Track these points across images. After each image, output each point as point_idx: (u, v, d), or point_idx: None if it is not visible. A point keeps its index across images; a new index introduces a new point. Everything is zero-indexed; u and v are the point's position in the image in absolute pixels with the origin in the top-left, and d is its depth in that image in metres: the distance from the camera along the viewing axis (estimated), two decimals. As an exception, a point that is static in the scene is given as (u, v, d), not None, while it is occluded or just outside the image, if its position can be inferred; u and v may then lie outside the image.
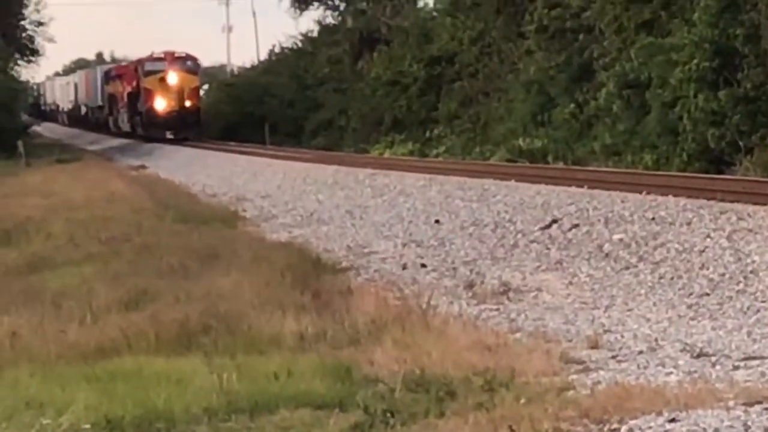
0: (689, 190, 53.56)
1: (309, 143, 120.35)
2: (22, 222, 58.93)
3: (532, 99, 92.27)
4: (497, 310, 35.00)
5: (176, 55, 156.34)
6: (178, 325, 30.29)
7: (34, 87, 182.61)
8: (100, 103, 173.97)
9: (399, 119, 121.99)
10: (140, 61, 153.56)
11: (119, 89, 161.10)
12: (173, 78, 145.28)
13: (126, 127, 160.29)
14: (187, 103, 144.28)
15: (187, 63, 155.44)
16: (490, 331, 30.10)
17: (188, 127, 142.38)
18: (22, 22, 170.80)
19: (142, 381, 25.72)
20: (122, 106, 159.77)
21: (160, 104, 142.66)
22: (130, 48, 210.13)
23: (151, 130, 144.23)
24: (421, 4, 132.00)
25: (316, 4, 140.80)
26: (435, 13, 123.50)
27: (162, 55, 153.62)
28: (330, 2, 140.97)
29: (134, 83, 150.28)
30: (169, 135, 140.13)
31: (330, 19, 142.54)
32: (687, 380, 24.75)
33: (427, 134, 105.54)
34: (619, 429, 21.80)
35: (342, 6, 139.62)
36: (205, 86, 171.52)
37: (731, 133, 67.50)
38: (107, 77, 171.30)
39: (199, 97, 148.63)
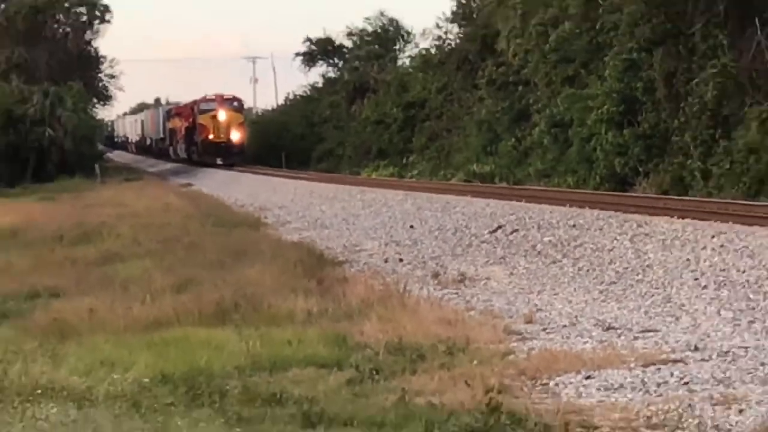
0: (601, 204, 54.34)
1: (315, 167, 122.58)
2: (98, 226, 59.44)
3: (483, 135, 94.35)
4: (456, 293, 35.93)
5: (225, 96, 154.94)
6: (216, 304, 31.67)
7: (108, 123, 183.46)
8: (161, 135, 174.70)
9: (383, 149, 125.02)
10: (196, 102, 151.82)
11: (178, 124, 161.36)
12: (222, 115, 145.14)
13: (183, 154, 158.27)
14: (234, 136, 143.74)
15: (234, 103, 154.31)
16: (450, 309, 31.59)
17: (234, 155, 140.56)
18: (99, 75, 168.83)
19: (188, 346, 26.86)
20: (180, 138, 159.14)
21: (212, 137, 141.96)
22: (181, 94, 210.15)
23: (205, 157, 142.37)
24: (400, 63, 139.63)
25: (320, 62, 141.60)
26: (410, 70, 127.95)
27: (213, 97, 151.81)
28: (331, 61, 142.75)
29: (191, 120, 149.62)
30: (219, 161, 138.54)
31: (331, 74, 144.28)
32: (599, 347, 26.14)
33: (404, 161, 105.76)
34: (548, 384, 22.71)
35: (340, 63, 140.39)
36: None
37: (632, 162, 68.78)
38: (168, 115, 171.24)
39: (243, 130, 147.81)
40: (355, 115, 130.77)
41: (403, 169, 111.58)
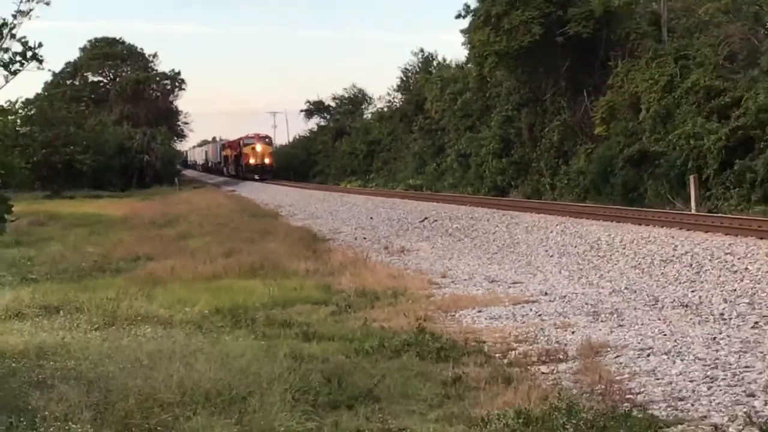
0: (488, 204, 55.63)
1: (311, 180, 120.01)
2: (176, 215, 59.96)
3: (416, 161, 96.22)
4: (398, 259, 36.99)
5: (260, 135, 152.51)
6: (249, 264, 33.20)
7: (184, 152, 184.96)
8: (218, 160, 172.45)
9: (354, 170, 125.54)
10: (241, 138, 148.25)
11: (229, 153, 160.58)
12: (259, 147, 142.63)
13: (232, 172, 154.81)
14: (266, 161, 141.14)
15: (266, 139, 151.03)
16: (395, 269, 33.51)
17: (267, 173, 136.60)
18: (178, 122, 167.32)
19: (232, 291, 27.98)
20: (231, 162, 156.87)
21: (252, 161, 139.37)
22: (229, 134, 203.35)
23: (247, 174, 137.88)
24: (365, 116, 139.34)
25: (315, 115, 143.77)
26: (371, 120, 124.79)
27: (253, 135, 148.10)
28: (322, 114, 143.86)
29: (238, 150, 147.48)
30: (256, 177, 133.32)
31: (322, 122, 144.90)
32: (486, 293, 27.22)
33: (367, 177, 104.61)
34: (455, 315, 23.34)
35: (327, 116, 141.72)
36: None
37: (508, 178, 69.04)
38: (222, 147, 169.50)
39: (273, 157, 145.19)
40: (338, 148, 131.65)
41: (366, 182, 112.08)
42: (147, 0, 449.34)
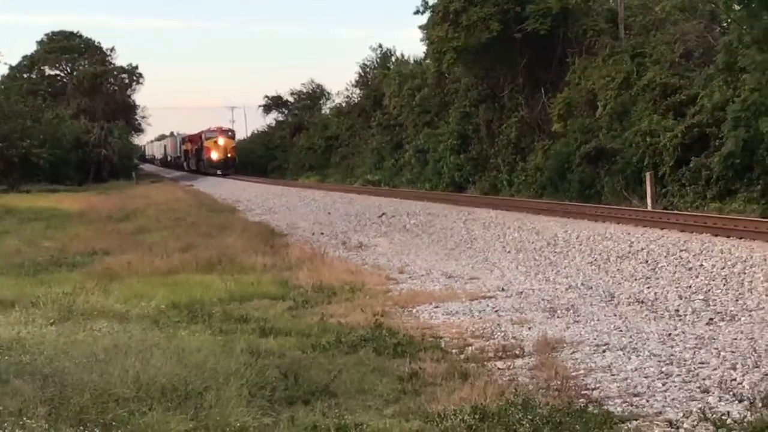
0: (446, 200, 55.73)
1: (269, 176, 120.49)
2: (133, 210, 59.76)
3: (374, 157, 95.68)
4: (356, 254, 36.82)
5: (223, 128, 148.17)
6: (207, 259, 33.25)
7: (142, 147, 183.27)
8: (178, 155, 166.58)
9: (312, 165, 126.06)
10: (203, 132, 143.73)
11: (189, 147, 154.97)
12: (221, 141, 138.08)
13: (193, 167, 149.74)
14: (229, 155, 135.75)
15: (229, 132, 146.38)
16: (353, 264, 33.42)
17: (229, 167, 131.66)
18: (135, 116, 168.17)
19: (189, 285, 27.74)
20: (191, 156, 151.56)
21: (214, 155, 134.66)
22: (187, 128, 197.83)
23: (209, 169, 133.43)
24: (323, 111, 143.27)
25: (274, 110, 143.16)
26: (329, 116, 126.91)
27: (215, 128, 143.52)
28: (280, 110, 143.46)
29: (199, 143, 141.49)
30: (218, 172, 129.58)
31: (280, 117, 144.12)
32: (443, 288, 27.27)
33: (325, 172, 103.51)
34: (412, 310, 23.21)
35: (286, 111, 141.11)
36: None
37: (465, 174, 68.77)
38: (182, 141, 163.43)
39: (236, 151, 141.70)
40: (296, 143, 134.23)
41: (324, 177, 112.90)
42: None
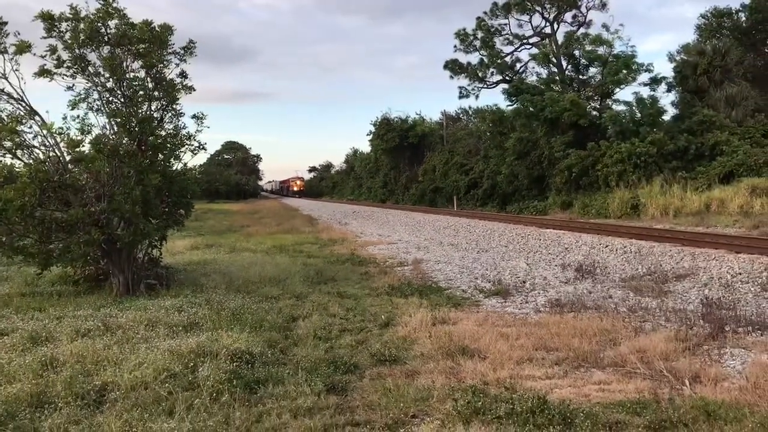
0: (377, 206, 50.23)
1: (316, 197, 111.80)
2: (258, 210, 57.33)
3: (350, 189, 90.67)
4: (344, 227, 31.83)
5: (298, 175, 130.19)
6: (287, 228, 31.85)
7: (262, 186, 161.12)
8: (278, 188, 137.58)
9: (328, 192, 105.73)
10: (290, 178, 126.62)
11: (284, 185, 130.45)
12: (298, 182, 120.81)
13: (285, 194, 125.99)
14: (302, 188, 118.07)
15: (301, 178, 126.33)
16: (342, 230, 29.86)
17: (302, 194, 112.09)
18: (260, 174, 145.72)
19: (280, 239, 25.62)
20: (284, 189, 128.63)
21: (295, 188, 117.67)
22: (277, 177, 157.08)
23: (294, 195, 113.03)
24: (332, 172, 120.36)
25: (313, 172, 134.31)
26: (333, 174, 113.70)
27: (294, 177, 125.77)
28: (317, 170, 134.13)
29: (287, 183, 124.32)
30: (297, 196, 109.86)
31: (313, 174, 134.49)
32: (377, 239, 25.34)
33: (332, 196, 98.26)
34: (366, 248, 22.02)
35: (316, 172, 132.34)
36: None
37: (386, 196, 66.30)
38: (280, 183, 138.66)
39: (304, 186, 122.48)
40: (324, 184, 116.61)
41: (332, 197, 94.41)
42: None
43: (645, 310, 10.32)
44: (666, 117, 35.71)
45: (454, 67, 48.61)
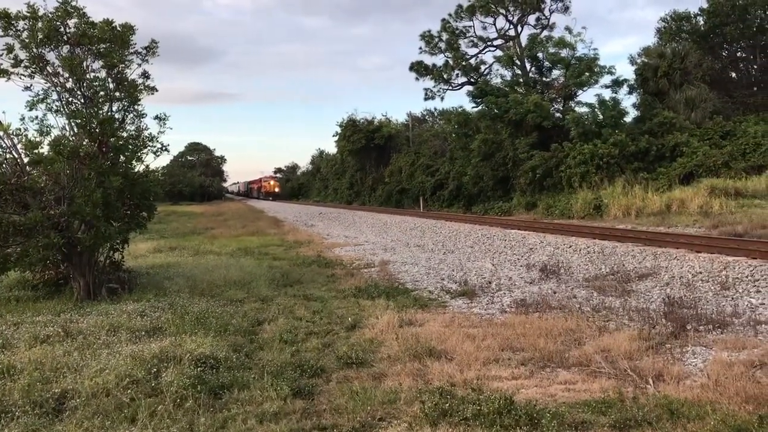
0: (344, 207, 49.76)
1: (292, 200, 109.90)
2: (222, 212, 56.41)
3: (317, 191, 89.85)
4: (310, 229, 32.14)
5: (273, 175, 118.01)
6: (252, 231, 31.32)
7: (228, 187, 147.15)
8: (245, 190, 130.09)
9: (296, 195, 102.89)
10: (262, 178, 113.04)
11: (254, 186, 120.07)
12: (272, 182, 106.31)
13: (254, 196, 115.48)
14: (276, 189, 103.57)
15: (276, 177, 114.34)
16: (308, 233, 29.84)
17: (277, 196, 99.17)
18: (224, 177, 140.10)
19: (245, 241, 25.66)
20: (255, 190, 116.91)
21: (268, 189, 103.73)
22: (243, 178, 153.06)
23: (266, 197, 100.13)
24: (298, 173, 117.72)
25: (279, 173, 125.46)
26: (300, 176, 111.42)
27: (268, 176, 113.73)
28: (281, 172, 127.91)
29: (260, 184, 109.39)
30: (270, 198, 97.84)
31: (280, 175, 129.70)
32: (344, 241, 25.31)
33: (299, 198, 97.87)
34: (332, 250, 21.96)
35: (282, 173, 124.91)
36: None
37: (352, 197, 66.03)
38: (248, 183, 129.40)
39: (279, 187, 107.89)
40: (290, 186, 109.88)
41: (299, 199, 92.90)
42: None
43: (609, 309, 10.42)
44: (628, 119, 36.40)
45: (419, 68, 48.85)
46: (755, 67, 43.04)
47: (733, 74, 44.10)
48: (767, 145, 30.17)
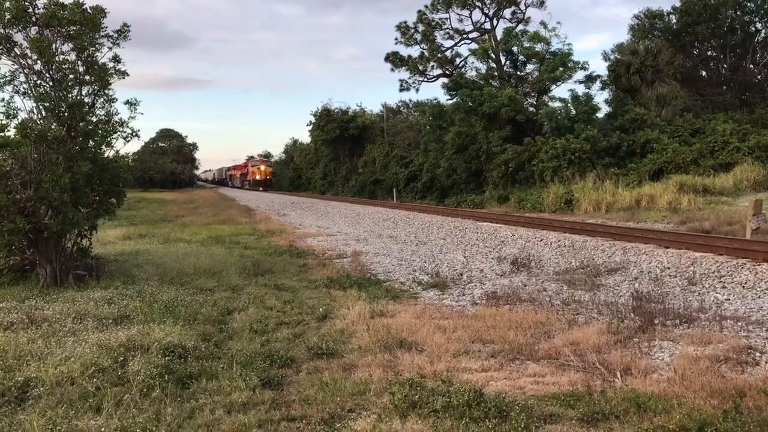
0: (318, 198, 49.26)
1: (269, 190, 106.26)
2: (193, 199, 55.98)
3: (289, 181, 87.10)
4: (282, 218, 31.94)
5: (263, 158, 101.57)
6: (223, 219, 31.07)
7: (200, 175, 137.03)
8: (223, 177, 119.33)
9: (269, 184, 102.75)
10: (248, 161, 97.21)
11: (234, 173, 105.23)
12: (262, 167, 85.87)
13: (237, 185, 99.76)
14: (267, 177, 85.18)
15: (268, 161, 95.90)
16: (281, 222, 29.81)
17: (268, 186, 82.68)
18: (196, 164, 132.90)
19: (216, 230, 25.41)
20: (236, 178, 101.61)
21: (258, 177, 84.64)
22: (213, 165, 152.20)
23: (254, 187, 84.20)
24: (272, 160, 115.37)
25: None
26: (273, 165, 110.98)
27: (258, 159, 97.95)
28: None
29: (245, 170, 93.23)
30: (260, 189, 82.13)
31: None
32: (316, 231, 25.22)
33: (270, 188, 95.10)
34: (305, 240, 21.79)
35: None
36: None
37: (326, 187, 65.73)
38: (227, 169, 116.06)
39: (272, 174, 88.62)
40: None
41: (269, 190, 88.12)
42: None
43: (578, 303, 10.50)
44: (600, 114, 36.71)
45: (395, 59, 48.76)
46: (725, 66, 43.75)
47: (704, 73, 44.80)
48: (735, 143, 30.79)
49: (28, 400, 6.35)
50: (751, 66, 42.96)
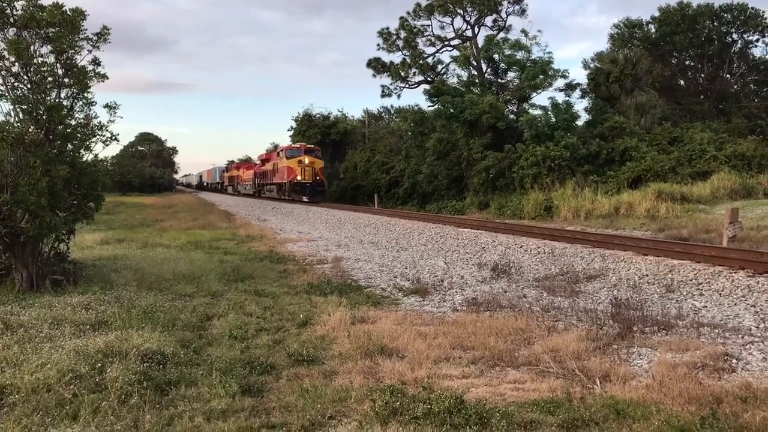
0: (300, 203, 48.56)
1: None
2: (172, 204, 55.17)
3: None
4: (263, 223, 30.87)
5: (307, 146, 50.46)
6: (202, 224, 30.52)
7: (179, 179, 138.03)
8: (218, 181, 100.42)
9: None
10: (278, 150, 55.48)
11: (236, 174, 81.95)
12: (307, 160, 46.90)
13: (244, 191, 71.99)
14: (317, 177, 47.70)
15: (317, 152, 50.05)
16: (261, 227, 29.00)
17: (317, 194, 47.87)
18: (176, 168, 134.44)
19: (195, 234, 25.18)
20: (241, 181, 75.65)
21: (300, 177, 47.43)
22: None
23: (292, 195, 49.13)
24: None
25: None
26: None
27: (298, 145, 50.29)
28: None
29: (270, 165, 56.32)
30: (305, 199, 47.67)
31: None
32: (296, 236, 24.85)
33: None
34: (285, 245, 21.57)
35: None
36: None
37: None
38: (225, 170, 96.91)
39: (323, 174, 49.95)
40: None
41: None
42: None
43: (558, 309, 10.55)
44: (579, 122, 37.30)
45: (376, 65, 48.93)
46: (702, 75, 44.54)
47: (682, 82, 45.60)
48: (712, 152, 31.31)
49: (2, 407, 6.22)
50: (728, 76, 43.81)
